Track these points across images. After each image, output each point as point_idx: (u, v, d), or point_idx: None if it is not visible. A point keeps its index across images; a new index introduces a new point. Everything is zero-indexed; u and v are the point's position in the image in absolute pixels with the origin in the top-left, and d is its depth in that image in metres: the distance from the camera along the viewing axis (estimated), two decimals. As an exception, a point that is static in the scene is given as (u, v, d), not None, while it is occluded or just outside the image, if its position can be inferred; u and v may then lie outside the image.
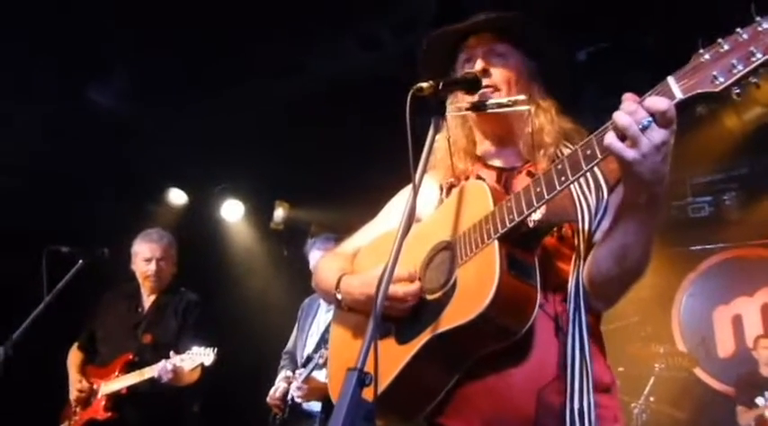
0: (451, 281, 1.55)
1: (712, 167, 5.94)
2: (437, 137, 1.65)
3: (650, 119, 1.24)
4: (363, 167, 5.28)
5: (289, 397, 3.67)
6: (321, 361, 3.44)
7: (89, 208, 5.03)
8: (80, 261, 3.41)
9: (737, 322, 6.37)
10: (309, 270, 3.84)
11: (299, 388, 3.57)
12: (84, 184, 5.06)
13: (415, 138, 1.52)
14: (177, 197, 5.71)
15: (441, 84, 1.58)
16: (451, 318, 1.49)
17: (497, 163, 1.82)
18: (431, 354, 1.54)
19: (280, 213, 6.19)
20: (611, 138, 1.27)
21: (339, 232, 3.82)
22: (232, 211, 6.03)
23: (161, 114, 4.74)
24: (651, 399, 5.49)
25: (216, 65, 4.50)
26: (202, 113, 4.81)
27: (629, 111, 1.25)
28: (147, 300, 3.93)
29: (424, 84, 1.55)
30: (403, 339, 1.61)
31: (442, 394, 1.57)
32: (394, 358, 1.59)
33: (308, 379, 3.56)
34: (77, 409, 3.69)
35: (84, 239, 3.87)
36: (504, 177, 1.77)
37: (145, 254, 3.90)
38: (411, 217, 1.45)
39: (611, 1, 3.52)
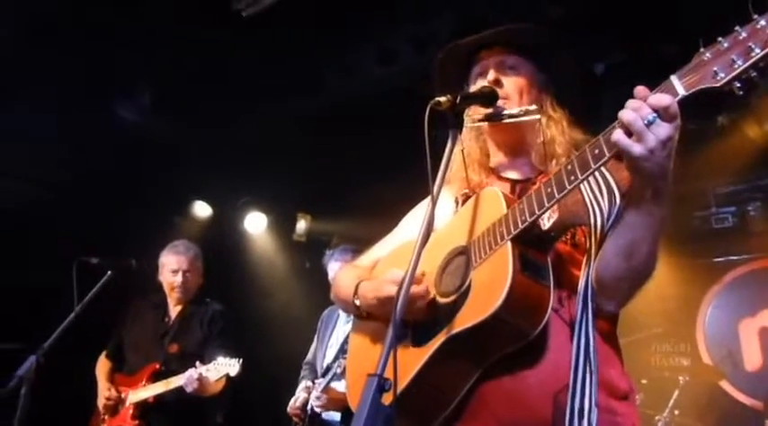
0: (466, 284, 1.58)
1: (735, 178, 5.87)
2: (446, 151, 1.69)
3: (655, 115, 1.28)
4: (384, 179, 5.33)
5: (308, 407, 3.71)
6: (339, 371, 3.48)
7: (117, 221, 5.14)
8: (109, 272, 3.48)
9: (764, 334, 6.26)
10: (329, 281, 3.89)
11: (317, 398, 3.61)
12: (112, 197, 5.17)
13: (434, 151, 1.56)
14: (202, 209, 5.81)
15: (458, 97, 1.62)
16: (466, 319, 1.52)
17: (511, 175, 1.85)
18: (446, 356, 1.57)
19: (302, 225, 6.26)
20: (618, 135, 1.31)
21: (360, 243, 3.87)
22: (255, 223, 6.11)
23: (186, 129, 4.85)
24: (676, 412, 5.40)
25: (239, 81, 4.61)
26: (226, 128, 4.91)
27: (635, 108, 1.30)
28: (174, 310, 4.02)
29: (442, 99, 1.59)
30: (419, 342, 1.64)
31: (458, 399, 1.59)
32: (410, 361, 1.62)
33: (326, 389, 3.61)
34: (106, 417, 3.77)
35: (113, 251, 3.97)
36: (519, 188, 1.80)
37: (172, 266, 3.98)
38: (430, 227, 1.49)
39: (629, 12, 3.55)
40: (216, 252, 4.45)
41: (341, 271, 2.08)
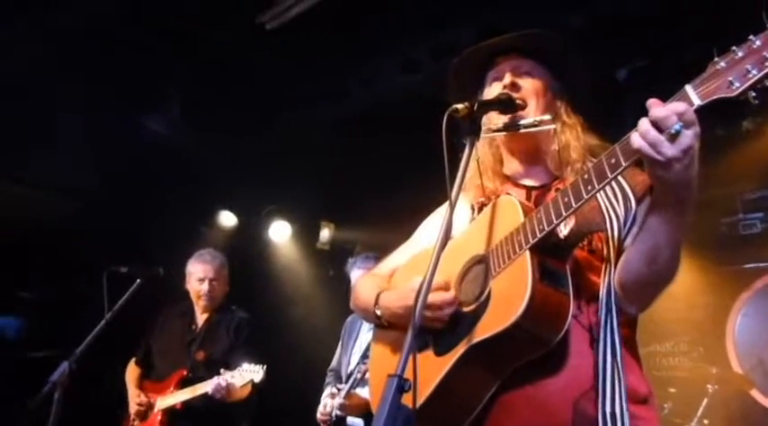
0: (486, 293, 1.59)
1: (763, 183, 5.78)
2: (463, 158, 1.71)
3: (681, 124, 1.28)
4: (407, 187, 5.36)
5: (333, 413, 3.74)
6: (359, 376, 3.50)
7: (145, 231, 5.25)
8: (138, 281, 3.54)
9: (796, 343, 6.14)
10: (351, 288, 3.93)
11: (340, 405, 3.65)
12: (140, 208, 5.28)
13: (452, 157, 1.59)
14: (228, 219, 5.90)
15: (475, 105, 1.64)
16: (487, 328, 1.53)
17: (527, 182, 1.86)
18: (468, 365, 1.57)
19: (326, 233, 6.31)
20: (639, 143, 1.31)
21: (383, 251, 3.88)
22: (280, 232, 6.18)
23: (212, 140, 4.94)
24: (705, 422, 5.31)
25: (263, 92, 4.69)
26: (251, 139, 5.00)
27: (659, 119, 1.29)
28: (201, 318, 4.08)
29: (460, 106, 1.61)
30: (441, 351, 1.64)
31: (481, 407, 1.59)
32: (432, 370, 1.62)
33: (348, 395, 3.64)
34: (136, 422, 3.85)
35: (141, 260, 4.06)
36: (535, 195, 1.82)
37: (198, 275, 4.05)
38: (448, 233, 1.50)
39: (651, 18, 3.55)
40: (241, 261, 4.51)
41: (359, 281, 2.10)
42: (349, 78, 4.48)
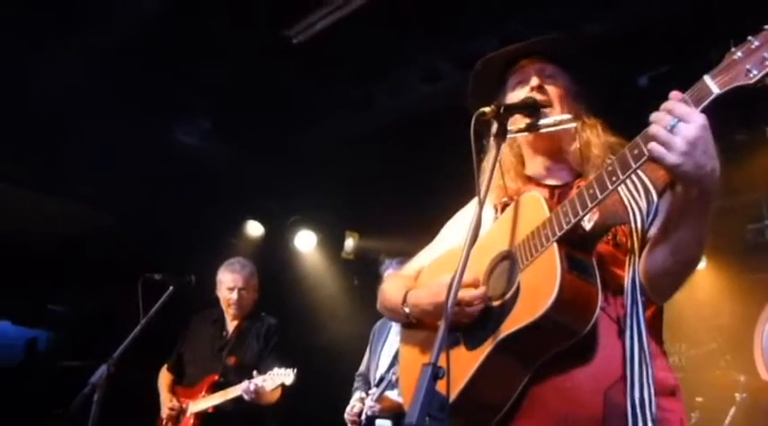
0: (514, 287, 1.61)
1: (788, 187, 5.74)
2: (488, 159, 1.77)
3: (676, 120, 1.34)
4: (430, 197, 5.42)
5: (363, 417, 3.78)
6: (394, 378, 3.55)
7: (174, 241, 5.37)
8: (170, 288, 3.63)
9: (826, 350, 6.04)
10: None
11: (371, 408, 3.70)
12: (169, 219, 5.42)
13: (478, 158, 1.63)
14: (255, 229, 6.00)
15: (501, 108, 1.69)
16: (517, 319, 1.55)
17: (549, 181, 1.89)
18: (500, 358, 1.60)
19: (350, 243, 6.37)
20: (652, 144, 1.37)
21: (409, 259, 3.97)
22: (305, 241, 6.27)
23: (241, 152, 5.06)
24: (733, 430, 5.27)
25: (288, 104, 4.80)
26: (278, 150, 5.11)
27: (655, 120, 1.36)
28: (231, 325, 4.17)
29: (487, 109, 1.66)
30: (472, 346, 1.66)
31: (512, 401, 1.62)
32: (465, 365, 1.64)
33: (380, 398, 3.69)
34: (168, 425, 3.94)
35: (170, 270, 4.14)
36: (558, 193, 1.84)
37: (228, 284, 4.14)
38: (477, 229, 1.54)
39: (672, 24, 3.59)
40: (267, 270, 4.59)
41: (386, 282, 2.13)
42: (373, 90, 4.57)
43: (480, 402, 1.65)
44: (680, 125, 1.33)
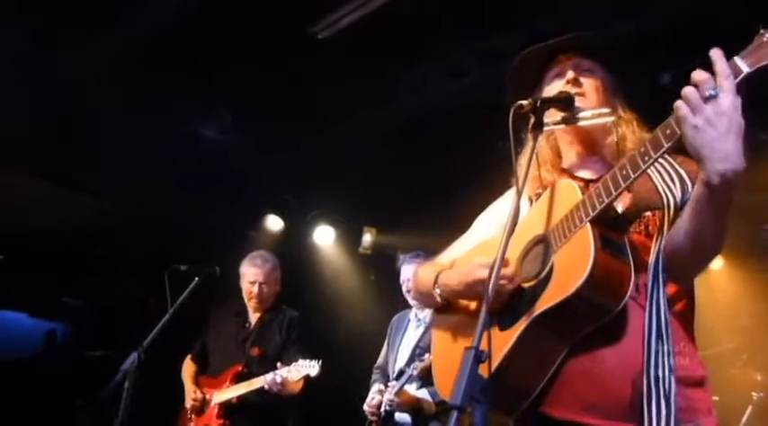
0: (548, 268, 1.64)
1: (809, 185, 5.71)
2: (525, 152, 1.81)
3: (715, 90, 1.36)
4: (448, 193, 5.45)
5: (382, 409, 3.83)
6: (415, 373, 3.59)
7: (197, 233, 5.44)
8: (196, 279, 3.69)
9: (843, 348, 6.01)
10: (396, 289, 4.06)
11: (390, 401, 3.72)
12: (193, 212, 5.48)
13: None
14: (274, 223, 6.06)
15: (538, 101, 1.73)
16: (551, 297, 1.58)
17: (584, 174, 1.91)
18: (532, 338, 1.62)
19: (368, 238, 6.41)
20: (678, 102, 1.39)
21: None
22: (324, 236, 6.31)
23: (262, 147, 5.11)
24: (750, 429, 5.26)
25: (311, 99, 4.84)
26: (299, 145, 5.15)
27: (695, 81, 1.39)
28: (253, 316, 4.23)
29: (524, 102, 1.69)
30: (504, 326, 1.69)
31: (544, 382, 1.64)
32: (497, 346, 1.63)
33: (400, 392, 3.71)
34: (192, 416, 3.99)
35: (194, 261, 4.19)
36: (592, 187, 1.86)
37: (249, 277, 4.20)
38: (516, 217, 1.56)
39: (695, 22, 3.59)
40: (286, 264, 4.64)
41: (420, 267, 2.18)
42: (397, 86, 4.59)
43: (512, 384, 1.67)
44: (716, 96, 1.35)
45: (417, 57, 4.29)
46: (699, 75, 1.39)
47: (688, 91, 1.38)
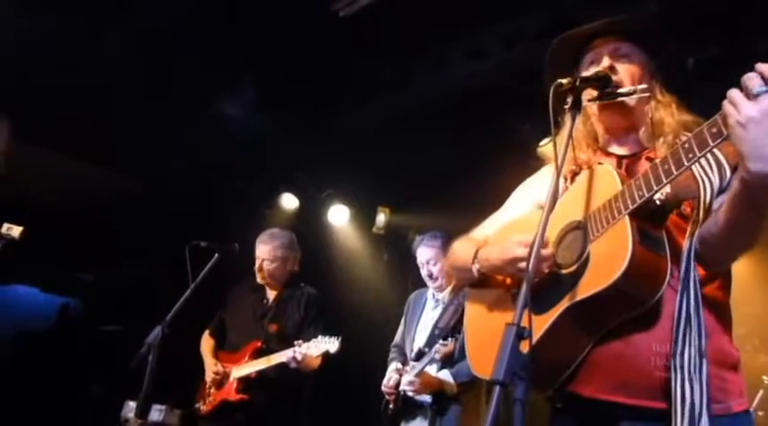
0: (585, 256, 1.65)
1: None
2: (563, 131, 1.79)
3: (764, 87, 1.33)
4: (462, 175, 5.46)
5: (400, 389, 3.75)
6: (438, 357, 3.55)
7: (212, 210, 5.47)
8: (216, 255, 3.70)
9: None
10: (407, 269, 4.00)
11: (410, 383, 3.63)
12: (208, 188, 5.50)
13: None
14: (289, 201, 6.07)
15: (577, 80, 1.74)
16: (588, 287, 1.59)
17: (617, 150, 1.93)
18: (568, 323, 1.64)
19: (381, 218, 6.42)
20: (724, 102, 1.38)
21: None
22: (338, 215, 6.32)
23: (282, 125, 5.11)
24: (759, 413, 5.28)
25: (329, 78, 4.83)
26: (317, 124, 5.15)
27: (745, 78, 1.36)
28: (271, 293, 4.26)
29: (564, 81, 1.70)
30: (540, 310, 1.69)
31: (575, 365, 1.67)
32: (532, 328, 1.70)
33: (420, 374, 3.64)
34: (212, 390, 4.03)
35: (209, 237, 4.20)
36: (625, 163, 1.88)
37: (256, 254, 4.22)
38: (555, 197, 1.59)
39: (721, 8, 3.56)
40: (301, 242, 4.67)
41: (456, 243, 2.19)
42: (416, 66, 4.57)
43: (545, 363, 1.68)
44: (763, 93, 1.33)
45: (438, 38, 4.25)
46: (746, 76, 1.37)
47: (734, 90, 1.37)
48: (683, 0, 3.49)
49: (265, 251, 4.18)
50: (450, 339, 3.55)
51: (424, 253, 4.01)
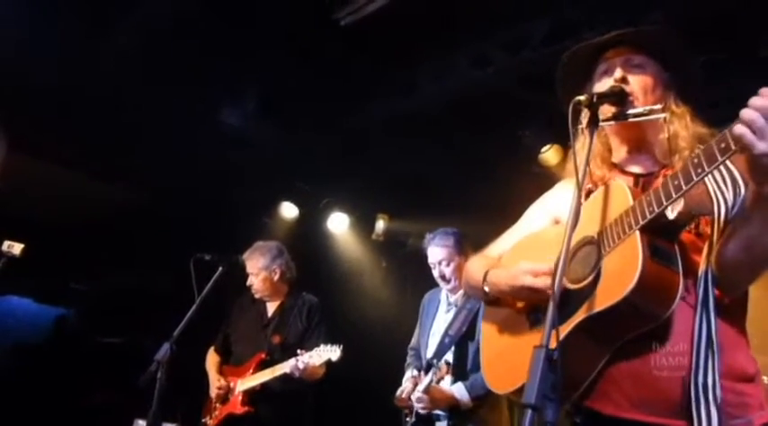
0: (596, 271, 1.65)
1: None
2: (578, 146, 1.76)
3: None
4: (461, 181, 5.46)
5: (413, 403, 3.56)
6: (435, 379, 3.44)
7: (212, 219, 5.43)
8: (220, 268, 3.64)
9: None
10: (429, 265, 3.80)
11: (419, 399, 3.48)
12: (207, 197, 5.46)
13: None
14: (289, 210, 6.04)
15: (594, 96, 1.73)
16: (600, 302, 1.59)
17: (634, 169, 1.91)
18: (579, 338, 1.64)
19: (380, 225, 6.40)
20: (741, 129, 1.36)
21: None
22: (338, 223, 6.30)
23: (280, 133, 5.09)
24: (760, 413, 5.30)
25: (333, 86, 4.80)
26: (318, 132, 5.13)
27: (757, 106, 1.35)
28: (273, 304, 4.25)
29: (582, 97, 1.70)
30: None
31: (590, 379, 1.66)
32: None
33: (428, 389, 3.48)
34: (217, 404, 4.02)
35: (209, 248, 4.14)
36: (642, 182, 1.86)
37: (247, 271, 4.21)
38: (577, 216, 1.59)
39: (723, 11, 3.57)
40: (302, 250, 4.62)
41: (471, 260, 2.19)
42: (419, 74, 4.55)
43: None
44: None
45: (440, 46, 4.24)
46: (759, 100, 1.36)
47: (752, 116, 1.35)
48: (687, 6, 3.48)
49: (249, 266, 4.18)
50: (444, 362, 3.47)
51: (436, 254, 3.78)
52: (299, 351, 3.75)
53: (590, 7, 3.58)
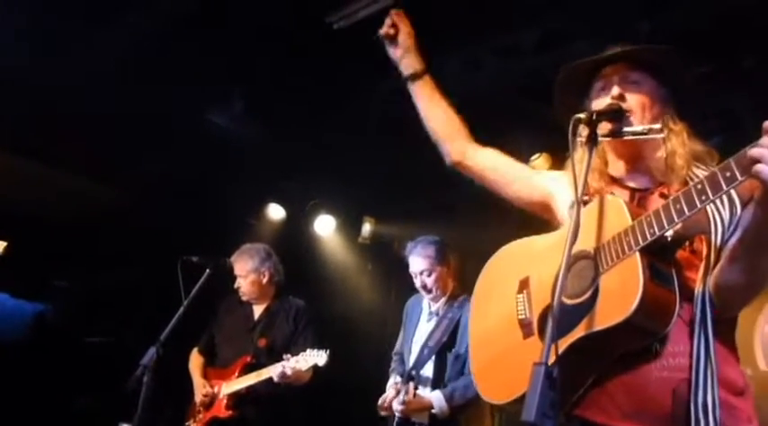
0: (594, 288, 1.67)
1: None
2: (577, 161, 1.77)
3: None
4: (448, 184, 5.44)
5: (394, 410, 3.59)
6: (425, 377, 3.51)
7: (198, 219, 5.38)
8: (207, 270, 3.61)
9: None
10: (410, 274, 3.81)
11: (399, 411, 3.51)
12: (193, 197, 5.42)
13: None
14: (276, 212, 6.00)
15: (593, 114, 1.76)
16: (600, 321, 1.61)
17: (631, 183, 1.93)
18: (576, 353, 1.66)
19: (367, 228, 6.39)
20: (761, 167, 1.38)
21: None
22: (324, 225, 6.27)
23: (266, 134, 5.05)
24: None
25: (315, 88, 4.77)
26: (305, 134, 5.10)
27: (764, 144, 1.38)
28: (259, 307, 4.23)
29: (582, 115, 1.73)
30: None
31: (582, 390, 1.69)
32: (538, 356, 1.70)
33: (404, 402, 3.50)
34: (201, 408, 3.98)
35: (195, 249, 4.09)
36: (638, 197, 1.88)
37: (235, 273, 4.18)
38: (576, 232, 1.58)
39: (708, 24, 3.61)
40: (288, 252, 4.60)
41: None
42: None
43: None
44: None
45: (430, 51, 4.23)
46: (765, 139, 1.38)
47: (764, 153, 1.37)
48: (673, 20, 3.52)
49: (237, 268, 4.15)
50: (412, 385, 3.48)
51: (418, 264, 3.79)
52: (285, 356, 3.73)
53: (580, 16, 3.60)
